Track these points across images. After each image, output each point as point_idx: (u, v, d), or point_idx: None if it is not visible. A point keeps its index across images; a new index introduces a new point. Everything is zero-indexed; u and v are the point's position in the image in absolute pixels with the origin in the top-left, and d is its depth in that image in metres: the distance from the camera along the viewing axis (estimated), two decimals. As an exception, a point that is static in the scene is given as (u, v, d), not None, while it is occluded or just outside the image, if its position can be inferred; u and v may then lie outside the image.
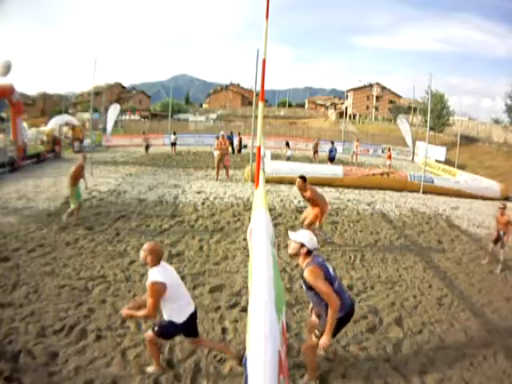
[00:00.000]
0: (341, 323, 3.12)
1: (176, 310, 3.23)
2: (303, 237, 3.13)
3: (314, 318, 3.39)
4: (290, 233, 3.28)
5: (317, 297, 3.03)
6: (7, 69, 14.99)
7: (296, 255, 3.15)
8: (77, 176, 7.59)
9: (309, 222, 6.85)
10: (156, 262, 3.18)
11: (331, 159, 18.92)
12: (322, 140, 23.32)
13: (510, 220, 6.61)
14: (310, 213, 6.97)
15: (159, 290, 3.08)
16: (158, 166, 16.42)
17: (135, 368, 3.46)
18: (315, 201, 6.86)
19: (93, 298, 4.68)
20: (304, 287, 3.18)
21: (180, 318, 3.24)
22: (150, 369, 3.44)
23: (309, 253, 3.11)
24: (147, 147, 20.78)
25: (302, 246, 3.10)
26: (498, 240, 6.81)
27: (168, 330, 3.30)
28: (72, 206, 7.45)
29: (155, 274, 3.13)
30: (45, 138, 18.71)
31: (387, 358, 3.89)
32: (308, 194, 6.78)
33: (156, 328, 3.28)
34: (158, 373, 3.40)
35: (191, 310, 3.33)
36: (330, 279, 3.05)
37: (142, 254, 3.21)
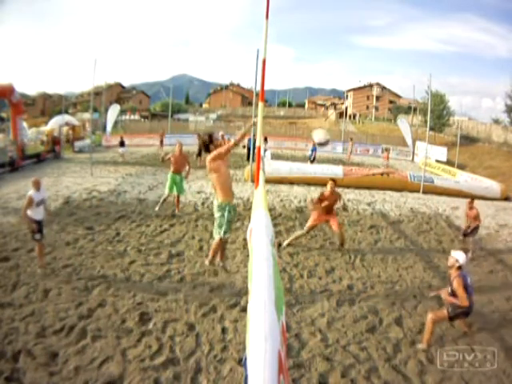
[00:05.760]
0: (464, 314, 4.18)
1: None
2: (460, 256, 4.25)
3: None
4: (453, 251, 4.43)
5: (455, 297, 4.13)
6: None
7: (451, 267, 4.29)
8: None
9: (342, 232, 7.00)
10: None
11: (312, 159, 18.27)
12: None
13: (478, 213, 7.39)
14: (332, 221, 6.97)
15: (30, 199, 5.26)
16: (157, 165, 16.41)
17: (135, 368, 3.46)
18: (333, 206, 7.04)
19: (93, 298, 4.69)
20: (449, 289, 4.24)
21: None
22: (40, 266, 5.32)
23: (459, 268, 4.20)
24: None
25: (457, 261, 4.21)
26: (467, 233, 7.55)
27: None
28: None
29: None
30: (45, 138, 18.72)
31: (387, 358, 3.89)
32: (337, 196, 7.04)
33: (33, 227, 5.35)
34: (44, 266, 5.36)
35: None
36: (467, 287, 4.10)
37: (34, 185, 5.35)
